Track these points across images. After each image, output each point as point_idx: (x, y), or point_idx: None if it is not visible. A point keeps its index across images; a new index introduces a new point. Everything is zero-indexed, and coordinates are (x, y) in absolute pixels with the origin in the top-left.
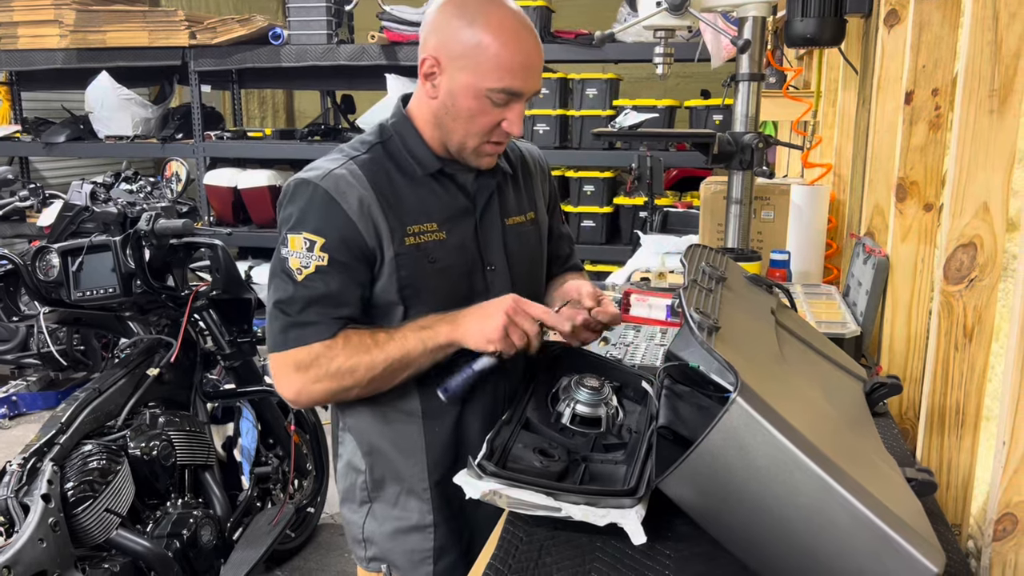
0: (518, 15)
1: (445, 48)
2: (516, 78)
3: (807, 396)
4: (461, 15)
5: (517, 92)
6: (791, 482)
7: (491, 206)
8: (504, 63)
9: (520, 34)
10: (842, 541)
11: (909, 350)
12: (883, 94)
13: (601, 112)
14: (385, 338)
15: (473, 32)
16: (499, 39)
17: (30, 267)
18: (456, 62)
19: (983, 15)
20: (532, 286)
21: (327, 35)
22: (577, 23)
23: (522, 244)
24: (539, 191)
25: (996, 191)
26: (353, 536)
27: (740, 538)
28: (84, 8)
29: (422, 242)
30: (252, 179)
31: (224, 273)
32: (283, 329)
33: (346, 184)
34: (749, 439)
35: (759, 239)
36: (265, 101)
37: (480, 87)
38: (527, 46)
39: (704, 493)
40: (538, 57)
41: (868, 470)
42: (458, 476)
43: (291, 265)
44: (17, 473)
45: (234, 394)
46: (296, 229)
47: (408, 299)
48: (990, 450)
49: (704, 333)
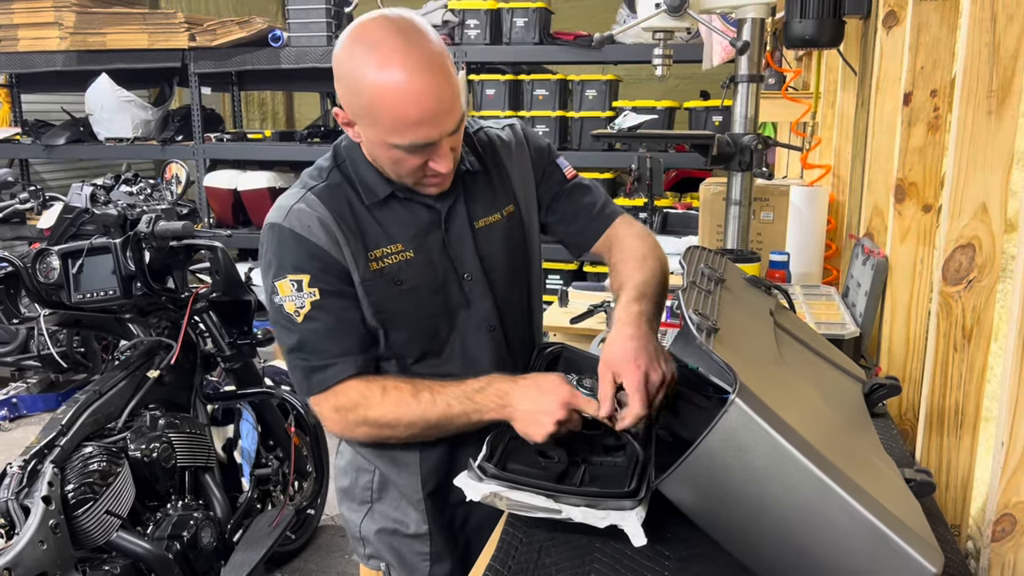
0: (415, 54)
1: (348, 105)
2: (418, 132)
3: (805, 397)
4: (353, 64)
5: (425, 144)
6: (789, 483)
7: (456, 214)
8: (402, 121)
9: (416, 83)
10: (840, 542)
11: (908, 351)
12: (882, 95)
13: (600, 113)
14: (428, 399)
15: (367, 88)
16: (392, 96)
17: (30, 269)
18: (360, 119)
19: (981, 17)
20: (517, 286)
21: (327, 37)
22: (576, 25)
23: (498, 244)
24: (517, 175)
25: (994, 192)
26: (352, 533)
27: (739, 539)
28: (84, 10)
29: (386, 266)
30: (252, 181)
31: (224, 275)
32: (306, 375)
33: (307, 217)
34: (748, 440)
35: (758, 240)
36: (265, 103)
37: (388, 142)
38: (426, 94)
39: (703, 494)
40: (443, 99)
41: (866, 471)
42: (458, 478)
43: (287, 310)
44: (17, 475)
45: (234, 396)
46: (279, 275)
47: (385, 322)
48: (989, 451)
49: (703, 335)
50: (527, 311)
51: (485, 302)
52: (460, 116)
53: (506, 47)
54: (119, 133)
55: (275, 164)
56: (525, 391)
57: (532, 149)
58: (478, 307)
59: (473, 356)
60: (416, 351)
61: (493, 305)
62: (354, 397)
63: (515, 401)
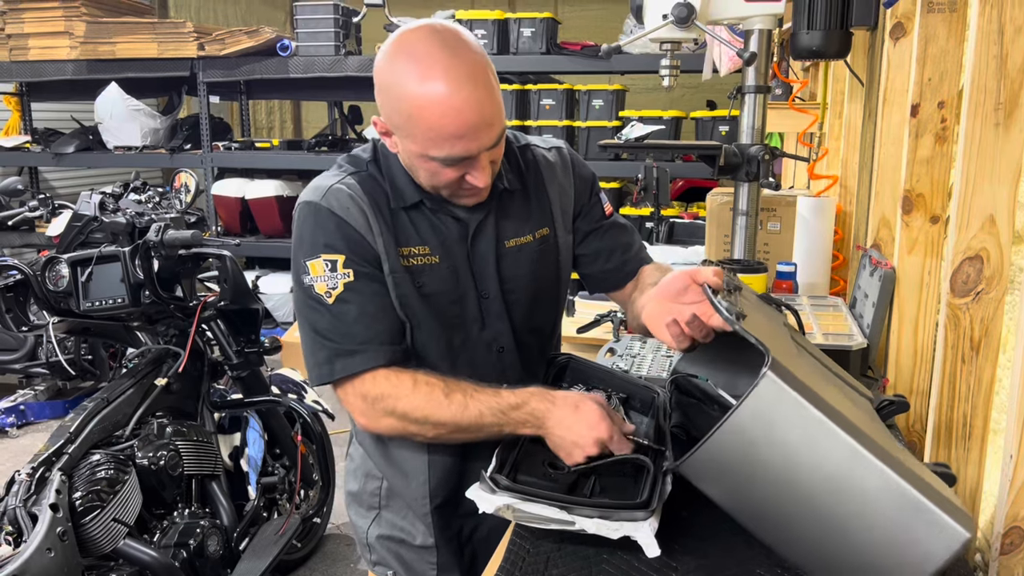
0: (458, 67)
1: (387, 116)
2: (457, 146)
3: (827, 390)
4: (395, 76)
5: (464, 157)
6: (821, 453)
7: (484, 230)
8: (443, 134)
9: (460, 97)
10: (871, 510)
11: (916, 363)
12: (889, 106)
13: (607, 123)
14: (461, 402)
15: (409, 100)
16: (435, 108)
17: (39, 277)
18: (400, 131)
19: (989, 29)
20: (541, 310)
21: (335, 46)
22: (583, 35)
23: (525, 267)
24: (558, 200)
25: (1002, 204)
26: (359, 539)
27: (767, 518)
28: (94, 20)
29: (413, 264)
30: (260, 189)
31: (232, 283)
32: (329, 359)
33: (346, 198)
34: (778, 412)
35: (765, 250)
36: (273, 112)
37: (427, 155)
38: (468, 107)
39: (729, 472)
40: (485, 114)
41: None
42: (470, 490)
43: (318, 291)
44: (25, 483)
45: (241, 404)
46: (312, 254)
47: (409, 319)
48: (997, 463)
49: (734, 316)
50: (548, 335)
51: (499, 323)
52: (501, 130)
53: (513, 57)
54: (128, 141)
55: (283, 173)
56: (562, 419)
57: (577, 177)
58: (491, 328)
59: (480, 374)
60: (433, 355)
61: (508, 328)
62: (383, 386)
63: (551, 427)
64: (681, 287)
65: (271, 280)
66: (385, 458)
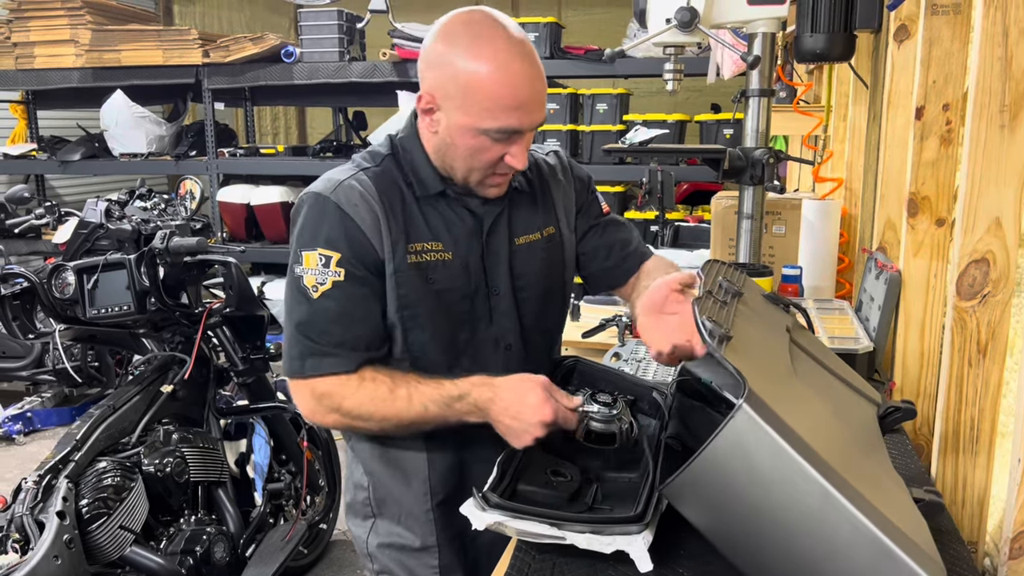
0: (514, 45)
1: (439, 87)
2: (512, 117)
3: (815, 412)
4: (453, 51)
5: (515, 130)
6: (793, 491)
7: (498, 227)
8: (499, 103)
9: (515, 69)
10: (842, 551)
11: (922, 366)
12: (893, 109)
13: (611, 127)
14: (405, 397)
15: (466, 71)
16: (492, 78)
17: (46, 284)
18: (451, 102)
19: (993, 31)
20: (548, 308)
21: (339, 53)
22: (587, 39)
23: (534, 265)
24: (561, 200)
25: (1008, 206)
26: (360, 550)
27: (741, 548)
28: (99, 28)
29: (422, 260)
30: (265, 195)
31: (237, 290)
32: (301, 355)
33: (356, 196)
34: (753, 447)
35: (771, 254)
36: (277, 118)
37: (477, 127)
38: (523, 81)
39: (707, 501)
40: (536, 91)
41: (872, 485)
42: (464, 507)
43: (306, 283)
44: (32, 490)
45: (247, 410)
46: (310, 245)
47: (406, 320)
48: (1005, 467)
49: (715, 341)
50: (554, 335)
51: (507, 320)
52: (544, 116)
53: None
54: (133, 148)
55: (288, 179)
56: (507, 406)
57: (575, 178)
58: (499, 324)
59: (484, 372)
60: (432, 355)
61: (516, 325)
62: (331, 383)
63: (495, 415)
64: (661, 298)
65: (276, 286)
66: (383, 459)
